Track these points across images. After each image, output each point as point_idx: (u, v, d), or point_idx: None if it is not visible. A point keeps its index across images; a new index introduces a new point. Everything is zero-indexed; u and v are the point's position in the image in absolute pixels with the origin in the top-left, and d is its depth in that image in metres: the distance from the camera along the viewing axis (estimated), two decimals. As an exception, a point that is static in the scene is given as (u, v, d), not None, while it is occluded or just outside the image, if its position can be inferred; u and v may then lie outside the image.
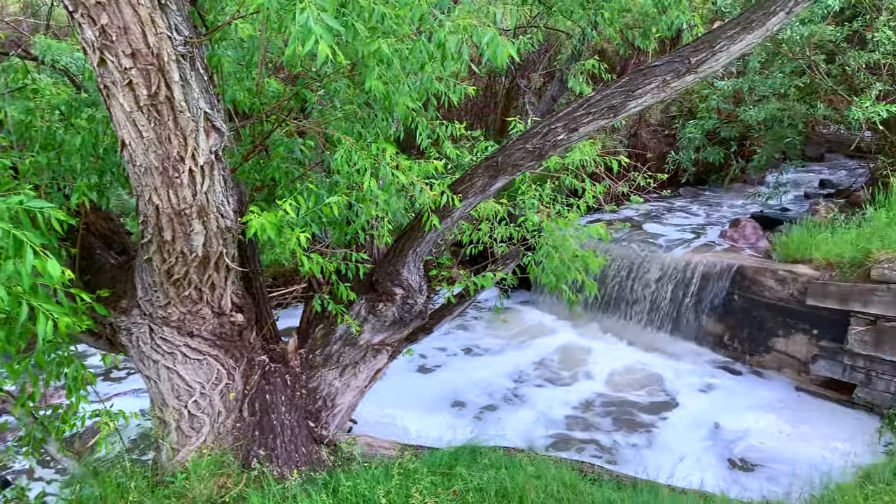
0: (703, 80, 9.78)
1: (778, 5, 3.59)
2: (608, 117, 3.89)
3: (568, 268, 5.30)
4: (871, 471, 4.82)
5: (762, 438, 6.60)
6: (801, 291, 7.59)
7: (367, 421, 6.16)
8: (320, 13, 2.54)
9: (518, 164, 4.12)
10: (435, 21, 3.47)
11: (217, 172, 3.42)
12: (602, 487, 4.43)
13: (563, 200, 5.72)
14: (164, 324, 4.01)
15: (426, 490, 3.89)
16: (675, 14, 6.04)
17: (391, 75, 3.63)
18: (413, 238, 4.60)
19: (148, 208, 3.43)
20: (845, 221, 8.30)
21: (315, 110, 4.39)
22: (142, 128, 3.08)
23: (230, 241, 3.77)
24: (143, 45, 2.85)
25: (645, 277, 9.34)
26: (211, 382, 4.17)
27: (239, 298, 4.23)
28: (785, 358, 7.95)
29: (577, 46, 8.32)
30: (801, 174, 13.68)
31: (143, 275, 3.89)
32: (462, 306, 5.53)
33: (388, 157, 3.50)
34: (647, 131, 13.63)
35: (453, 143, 5.77)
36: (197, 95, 3.12)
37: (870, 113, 7.48)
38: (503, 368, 8.48)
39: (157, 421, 4.24)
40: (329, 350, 4.86)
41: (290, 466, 4.23)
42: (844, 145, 13.41)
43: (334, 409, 4.93)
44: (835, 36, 8.48)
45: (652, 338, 9.11)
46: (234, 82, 4.18)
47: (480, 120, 13.98)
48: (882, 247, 7.05)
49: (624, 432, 6.94)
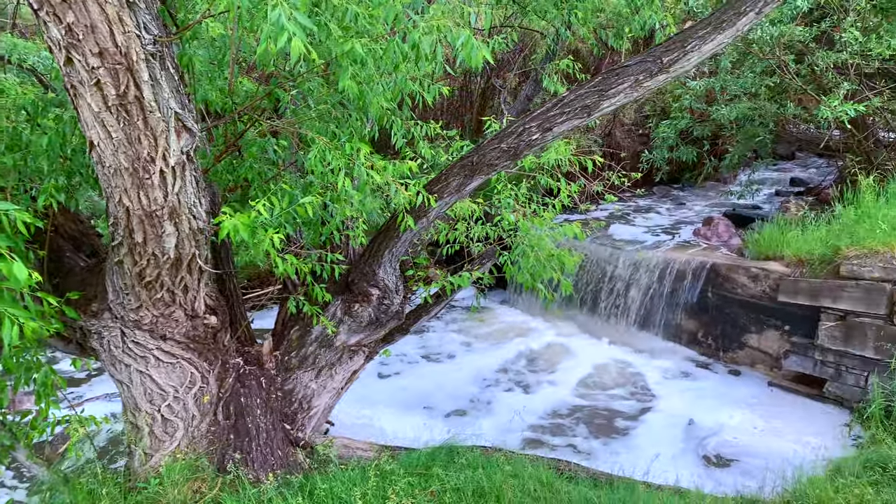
0: (675, 80, 9.89)
1: (748, 6, 3.64)
2: (582, 117, 3.91)
3: (544, 267, 5.32)
4: (841, 464, 4.89)
5: (736, 434, 6.68)
6: (773, 288, 7.70)
7: (343, 422, 6.13)
8: (293, 11, 2.52)
9: (493, 163, 4.12)
10: (409, 21, 3.46)
11: (189, 173, 3.38)
12: (579, 485, 4.46)
13: (539, 200, 5.74)
14: (136, 327, 3.95)
15: (403, 491, 3.87)
16: (648, 14, 6.10)
17: (365, 75, 3.62)
18: (389, 238, 4.59)
19: (118, 210, 3.37)
20: (815, 219, 8.44)
21: (289, 110, 4.36)
22: (111, 128, 3.03)
23: (203, 243, 3.72)
24: (111, 43, 2.80)
25: (620, 276, 9.42)
26: (185, 386, 4.12)
27: (212, 300, 4.18)
28: (758, 354, 8.06)
29: (552, 46, 8.37)
30: (772, 172, 13.90)
31: (115, 277, 3.82)
32: (439, 306, 5.53)
33: (363, 157, 3.48)
34: (622, 131, 13.75)
35: (429, 143, 5.76)
36: (167, 95, 3.08)
37: (838, 112, 7.61)
38: (480, 367, 8.49)
39: (130, 426, 4.18)
40: (305, 352, 4.83)
41: (266, 469, 4.19)
42: (814, 144, 13.64)
43: (310, 411, 4.90)
44: (804, 36, 8.61)
45: (627, 335, 9.19)
46: (206, 82, 4.13)
47: (457, 119, 13.99)
48: (851, 243, 7.18)
49: (600, 430, 6.98)
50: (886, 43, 7.84)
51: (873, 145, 9.59)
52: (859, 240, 7.15)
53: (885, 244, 6.92)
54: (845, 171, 9.59)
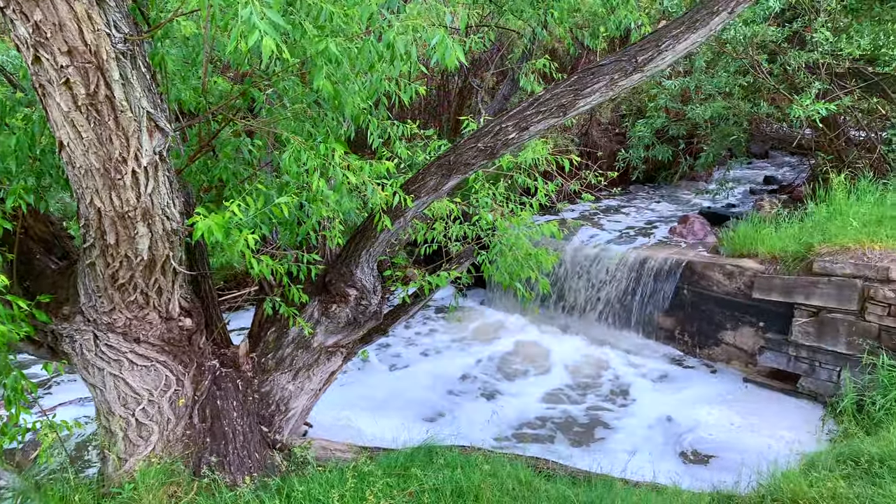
0: (650, 79, 9.98)
1: (720, 5, 3.68)
2: (558, 116, 3.93)
3: (521, 266, 5.34)
4: (814, 458, 4.96)
5: (712, 430, 6.75)
6: (748, 285, 7.80)
7: (322, 424, 6.10)
8: (264, 9, 2.49)
9: (470, 162, 4.12)
10: (384, 21, 3.44)
11: (162, 174, 3.33)
12: (557, 483, 4.47)
13: (517, 199, 5.76)
14: (108, 330, 3.89)
15: (381, 492, 3.86)
16: (624, 14, 6.14)
17: (340, 74, 3.60)
18: (366, 238, 4.57)
19: (89, 211, 3.32)
20: (788, 216, 8.56)
21: (264, 109, 4.32)
22: (81, 128, 2.98)
23: (177, 244, 3.67)
24: (80, 42, 2.75)
25: (597, 274, 9.48)
26: (159, 389, 4.07)
27: (187, 302, 4.13)
28: (733, 350, 8.15)
29: (528, 46, 8.39)
30: (746, 171, 14.08)
31: (86, 280, 3.76)
32: (417, 306, 5.52)
33: (338, 158, 3.46)
34: (598, 130, 13.83)
35: (407, 143, 5.75)
36: (139, 94, 3.03)
37: (810, 111, 7.72)
38: (458, 367, 8.50)
39: (104, 430, 4.11)
40: (282, 353, 4.79)
41: (243, 473, 4.15)
42: (787, 142, 13.86)
43: (288, 413, 4.86)
44: (776, 36, 8.73)
45: (605, 333, 9.25)
46: (180, 81, 4.08)
47: (435, 119, 13.97)
48: (823, 241, 7.30)
49: (578, 427, 7.02)
50: (856, 43, 7.97)
51: (844, 144, 9.76)
52: (831, 237, 7.27)
53: (856, 241, 7.04)
54: (817, 169, 9.74)
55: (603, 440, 6.76)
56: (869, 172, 8.49)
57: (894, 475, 4.29)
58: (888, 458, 4.50)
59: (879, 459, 4.53)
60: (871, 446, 4.72)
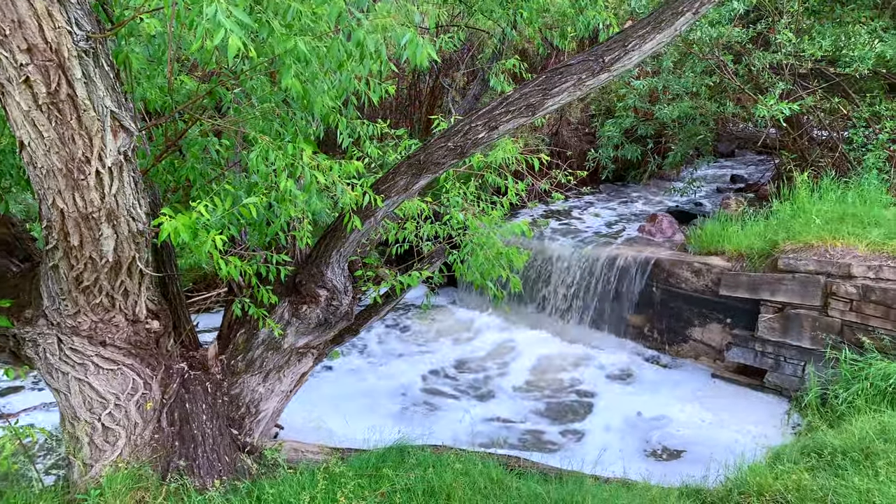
0: (618, 79, 10.07)
1: (685, 6, 3.73)
2: (527, 115, 3.95)
3: (493, 265, 5.35)
4: (780, 451, 5.06)
5: (681, 426, 6.85)
6: (715, 282, 7.92)
7: (293, 426, 6.05)
8: (230, 7, 2.46)
9: (440, 162, 4.13)
10: (353, 20, 3.43)
11: (127, 174, 3.28)
12: (528, 481, 4.50)
13: (487, 198, 5.77)
14: (73, 333, 3.82)
15: (353, 493, 3.85)
16: (592, 14, 6.18)
17: (309, 73, 3.57)
18: (336, 238, 4.55)
19: (52, 212, 3.25)
20: (754, 214, 8.72)
21: (231, 109, 4.27)
22: (42, 128, 2.92)
23: (143, 246, 3.62)
24: (41, 39, 2.70)
25: (568, 272, 9.55)
26: (126, 393, 4.00)
27: (155, 304, 4.07)
28: (701, 346, 8.28)
29: (499, 46, 8.42)
30: (713, 169, 14.28)
31: (50, 282, 3.69)
32: (389, 306, 5.50)
33: (307, 157, 3.44)
34: (568, 130, 13.92)
35: (378, 142, 5.73)
36: (102, 93, 2.98)
37: (774, 111, 7.88)
38: (429, 366, 8.50)
39: (68, 436, 4.03)
40: (251, 355, 4.74)
41: (213, 476, 4.10)
42: (752, 141, 14.11)
43: (258, 415, 4.82)
44: (741, 37, 8.89)
45: (576, 331, 9.32)
46: (145, 80, 4.01)
47: (405, 118, 13.95)
48: (787, 238, 7.45)
49: (549, 424, 7.07)
50: (818, 44, 8.15)
51: (807, 143, 9.97)
52: (795, 234, 7.43)
53: (819, 238, 7.20)
54: (782, 167, 9.93)
55: (573, 438, 6.81)
56: (831, 171, 8.69)
57: (856, 467, 4.40)
58: (850, 450, 4.61)
59: (842, 451, 4.64)
60: (834, 439, 4.83)
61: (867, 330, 6.52)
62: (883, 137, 8.25)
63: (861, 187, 7.98)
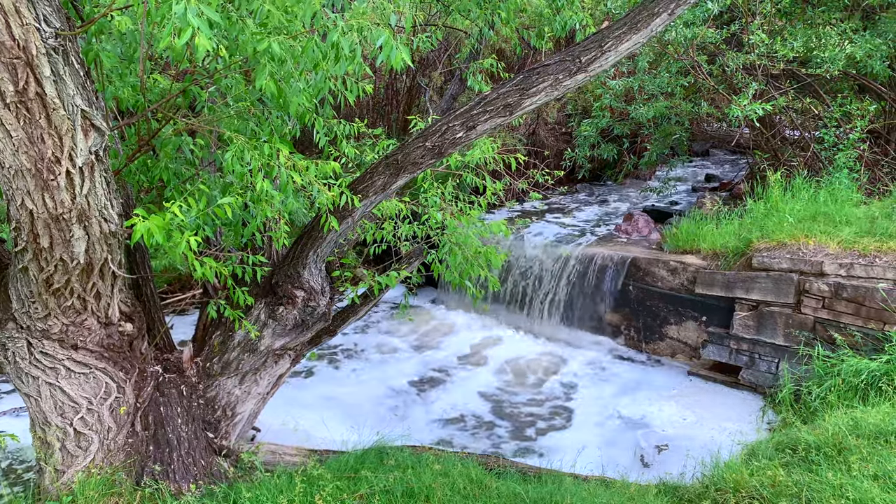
0: (594, 79, 10.13)
1: (661, 7, 3.75)
2: (505, 115, 3.95)
3: (471, 264, 5.35)
4: (755, 447, 5.12)
5: (658, 423, 6.91)
6: (691, 280, 8.00)
7: (270, 428, 5.99)
8: (200, 6, 2.43)
9: (418, 162, 4.11)
10: (329, 20, 3.40)
11: (98, 174, 3.22)
12: (507, 480, 4.50)
13: (465, 198, 5.77)
14: (44, 337, 3.74)
15: (331, 496, 3.81)
16: (569, 15, 6.20)
17: (284, 73, 3.54)
18: (313, 239, 4.51)
19: (21, 213, 3.19)
20: (728, 213, 8.82)
21: (206, 108, 4.22)
22: (10, 127, 2.86)
23: (116, 247, 3.56)
24: (8, 37, 2.64)
25: (545, 271, 9.58)
26: (99, 397, 3.93)
27: (128, 307, 4.01)
28: (678, 344, 8.36)
29: (476, 45, 8.41)
30: (688, 169, 14.41)
31: (19, 285, 3.61)
32: (367, 306, 5.48)
33: (283, 158, 3.40)
34: (545, 129, 13.98)
35: (356, 142, 5.70)
36: (72, 92, 2.92)
37: (747, 111, 7.98)
38: (407, 366, 8.48)
39: (39, 442, 3.95)
40: (227, 357, 4.69)
41: (188, 480, 4.05)
42: (727, 141, 14.29)
43: (234, 418, 4.76)
44: (715, 38, 8.99)
45: (554, 330, 9.36)
46: (117, 78, 3.95)
47: (383, 118, 13.92)
48: (761, 236, 7.54)
49: (527, 425, 7.08)
50: (790, 45, 8.27)
51: (780, 142, 10.11)
52: (768, 233, 7.53)
53: (791, 237, 7.30)
54: (755, 167, 10.06)
55: (552, 436, 6.83)
56: (803, 170, 8.81)
57: (829, 462, 4.46)
58: (823, 446, 4.67)
59: (815, 447, 4.71)
60: (808, 435, 4.90)
61: (839, 327, 6.62)
62: (853, 137, 8.39)
63: (832, 186, 8.10)
